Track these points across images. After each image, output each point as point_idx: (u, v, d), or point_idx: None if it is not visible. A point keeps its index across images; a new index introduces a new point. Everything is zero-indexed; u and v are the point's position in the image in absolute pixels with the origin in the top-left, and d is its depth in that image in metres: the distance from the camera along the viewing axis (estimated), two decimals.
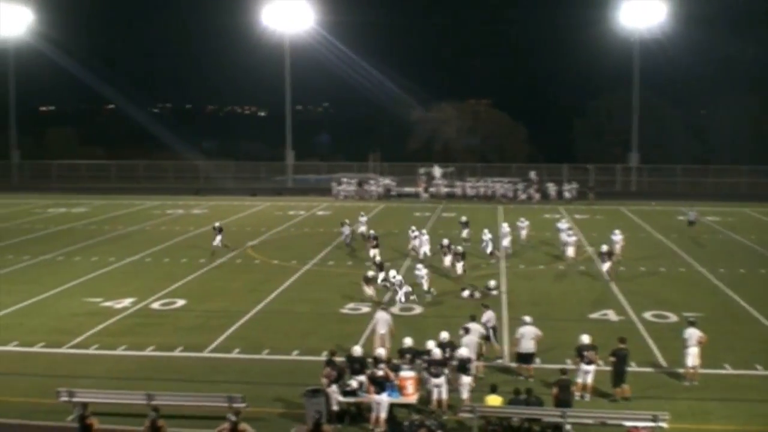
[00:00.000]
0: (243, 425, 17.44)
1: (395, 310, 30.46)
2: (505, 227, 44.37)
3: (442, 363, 21.30)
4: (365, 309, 31.38)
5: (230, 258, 42.80)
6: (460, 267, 36.40)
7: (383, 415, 20.04)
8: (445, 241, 38.88)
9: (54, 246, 46.52)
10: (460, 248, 37.87)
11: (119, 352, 26.85)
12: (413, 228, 43.71)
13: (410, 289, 32.53)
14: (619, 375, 22.12)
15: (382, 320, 25.42)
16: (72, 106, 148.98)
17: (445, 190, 73.62)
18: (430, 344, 22.10)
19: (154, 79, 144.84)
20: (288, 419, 20.90)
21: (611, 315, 31.18)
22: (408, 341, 22.74)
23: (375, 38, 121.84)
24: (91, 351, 27.02)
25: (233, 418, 17.64)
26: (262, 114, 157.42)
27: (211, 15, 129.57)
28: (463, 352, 21.84)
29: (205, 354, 26.62)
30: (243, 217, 60.09)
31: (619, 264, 39.58)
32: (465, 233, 45.63)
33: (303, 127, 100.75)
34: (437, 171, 75.78)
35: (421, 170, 76.29)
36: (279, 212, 62.38)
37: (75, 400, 20.60)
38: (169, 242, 47.91)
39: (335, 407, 20.73)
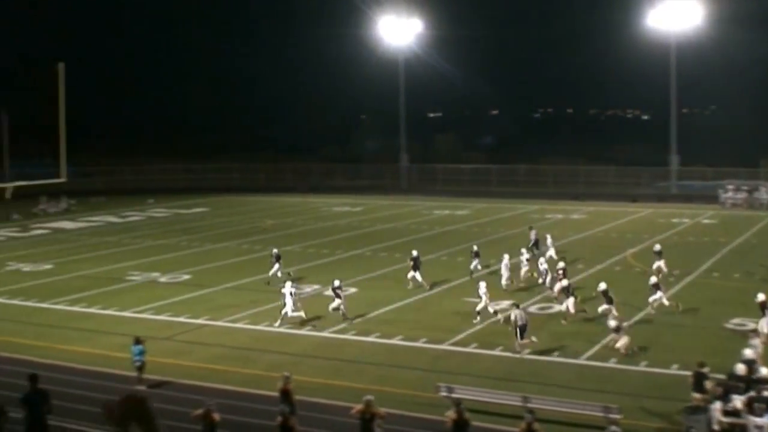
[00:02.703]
0: None
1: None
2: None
3: None
4: (751, 324, 29.33)
5: (609, 264, 42.18)
6: (567, 304, 31.28)
7: None
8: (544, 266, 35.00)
9: (438, 246, 48.72)
10: (566, 281, 32.75)
11: (497, 352, 27.47)
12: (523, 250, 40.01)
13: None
14: None
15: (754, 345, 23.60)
16: (457, 113, 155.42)
17: None
18: None
19: (537, 84, 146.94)
20: None
21: None
22: None
23: None
24: (469, 349, 27.92)
25: (613, 428, 17.46)
26: (645, 117, 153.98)
27: (596, 18, 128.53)
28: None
29: (581, 361, 26.44)
30: (623, 223, 58.99)
31: None
32: (659, 264, 38.14)
33: (689, 131, 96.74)
34: None
35: None
36: (661, 219, 60.45)
37: (453, 395, 21.38)
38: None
39: (715, 426, 19.62)
